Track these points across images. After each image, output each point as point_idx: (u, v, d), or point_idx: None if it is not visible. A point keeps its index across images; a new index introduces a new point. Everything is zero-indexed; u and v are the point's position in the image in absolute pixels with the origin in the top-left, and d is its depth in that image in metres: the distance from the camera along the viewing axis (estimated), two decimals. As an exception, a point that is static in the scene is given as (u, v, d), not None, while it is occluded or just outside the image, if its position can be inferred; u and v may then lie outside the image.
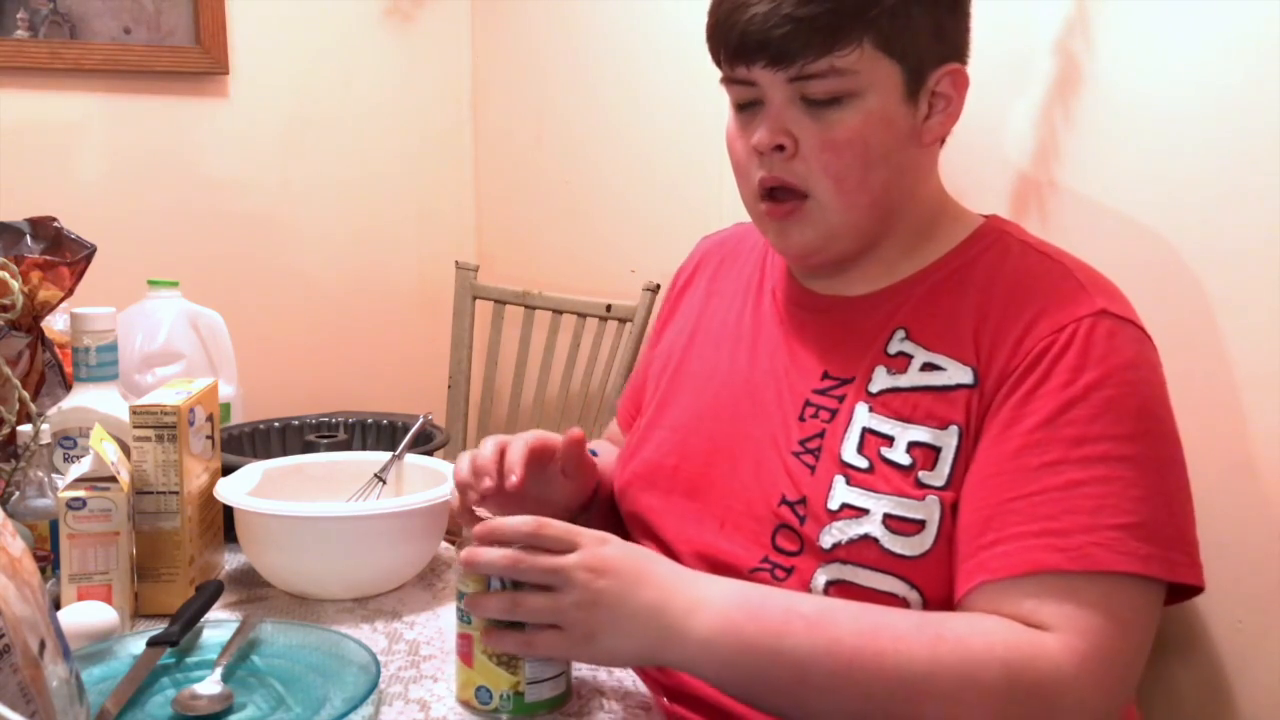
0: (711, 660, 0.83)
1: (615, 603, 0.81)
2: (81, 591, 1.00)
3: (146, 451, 1.06)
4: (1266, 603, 1.00)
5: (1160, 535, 0.83)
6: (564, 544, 0.83)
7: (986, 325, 0.90)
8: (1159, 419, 0.88)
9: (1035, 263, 0.93)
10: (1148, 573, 0.82)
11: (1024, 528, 0.83)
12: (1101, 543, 0.82)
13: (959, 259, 0.96)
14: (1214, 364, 1.02)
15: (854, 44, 0.88)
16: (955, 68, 0.94)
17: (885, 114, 0.91)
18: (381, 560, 1.11)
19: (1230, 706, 1.03)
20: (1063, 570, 0.82)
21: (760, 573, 0.93)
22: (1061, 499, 0.83)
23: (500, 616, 0.84)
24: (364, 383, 2.22)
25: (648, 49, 1.84)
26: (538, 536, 0.83)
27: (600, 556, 0.83)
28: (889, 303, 0.96)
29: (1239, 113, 0.99)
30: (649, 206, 1.88)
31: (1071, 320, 0.87)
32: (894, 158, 0.93)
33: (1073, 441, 0.84)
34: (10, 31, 1.90)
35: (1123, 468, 0.84)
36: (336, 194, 2.22)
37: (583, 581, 0.81)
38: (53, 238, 1.31)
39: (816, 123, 0.91)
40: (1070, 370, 0.85)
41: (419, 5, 2.25)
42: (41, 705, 0.68)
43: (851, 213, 0.94)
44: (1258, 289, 0.98)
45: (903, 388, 0.91)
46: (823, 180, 0.92)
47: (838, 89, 0.90)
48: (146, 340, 1.62)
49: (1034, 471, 0.85)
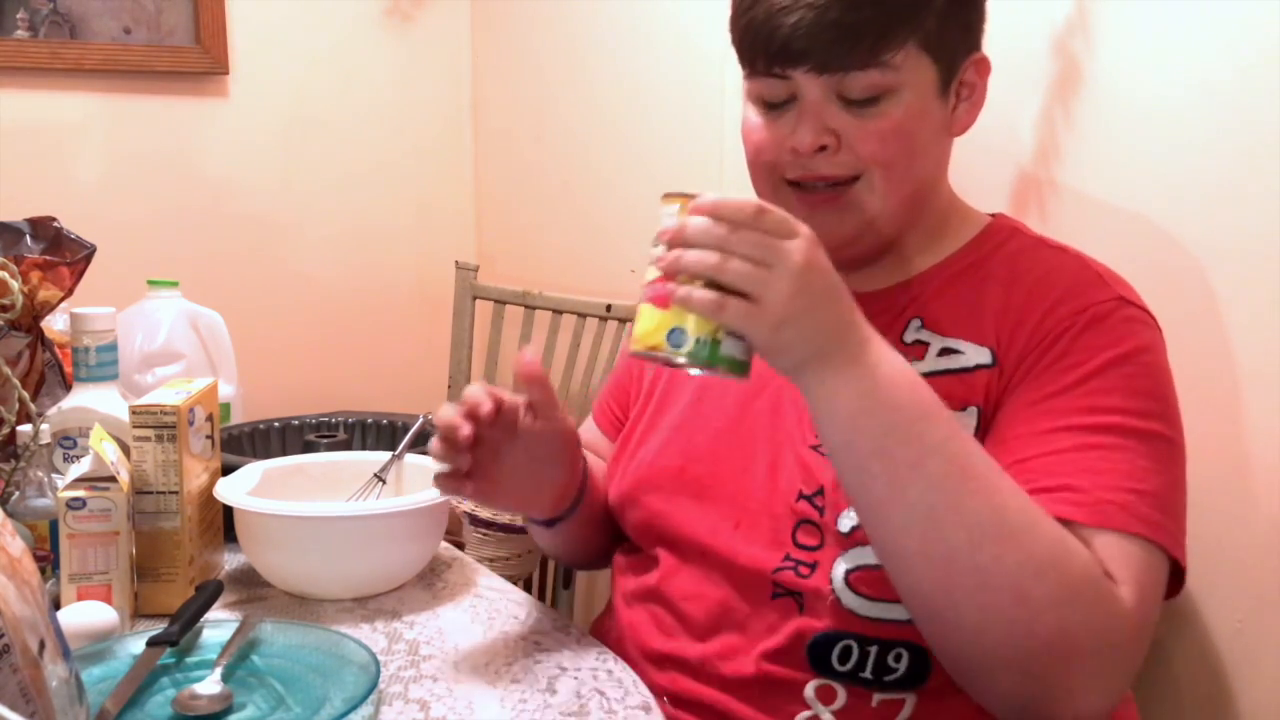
0: (857, 396, 0.79)
1: (815, 297, 0.77)
2: (81, 591, 1.00)
3: (146, 451, 1.06)
4: (1267, 603, 1.00)
5: (1164, 507, 0.84)
6: (784, 229, 0.78)
7: (1009, 311, 0.91)
8: (1169, 404, 0.89)
9: (1052, 257, 0.95)
10: (1156, 538, 0.83)
11: (1041, 484, 0.83)
12: (1117, 501, 0.82)
13: (974, 253, 0.97)
14: (1215, 362, 1.02)
15: (900, 46, 0.88)
16: (980, 56, 0.95)
17: (923, 108, 0.91)
18: (381, 560, 1.11)
19: (1230, 706, 1.03)
20: (1079, 523, 0.82)
21: (784, 572, 0.92)
22: (1075, 459, 0.84)
23: (706, 268, 0.77)
24: (364, 383, 2.22)
25: (648, 49, 1.83)
26: (760, 220, 0.77)
27: (816, 252, 0.78)
28: (904, 296, 0.97)
29: (1239, 112, 0.99)
30: (649, 206, 1.88)
31: (1092, 303, 0.89)
32: (932, 150, 0.94)
33: (1087, 409, 0.85)
34: (10, 31, 1.90)
35: (1133, 440, 0.85)
36: (336, 194, 2.21)
37: (795, 266, 0.76)
38: (53, 238, 1.31)
39: (857, 118, 0.90)
40: (1089, 348, 0.87)
41: (419, 5, 2.25)
42: (41, 705, 0.68)
43: (892, 201, 0.93)
44: (1258, 287, 0.98)
45: (921, 374, 0.91)
46: (873, 166, 0.91)
47: (878, 88, 0.89)
48: (146, 340, 1.62)
49: (1047, 433, 0.85)
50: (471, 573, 1.19)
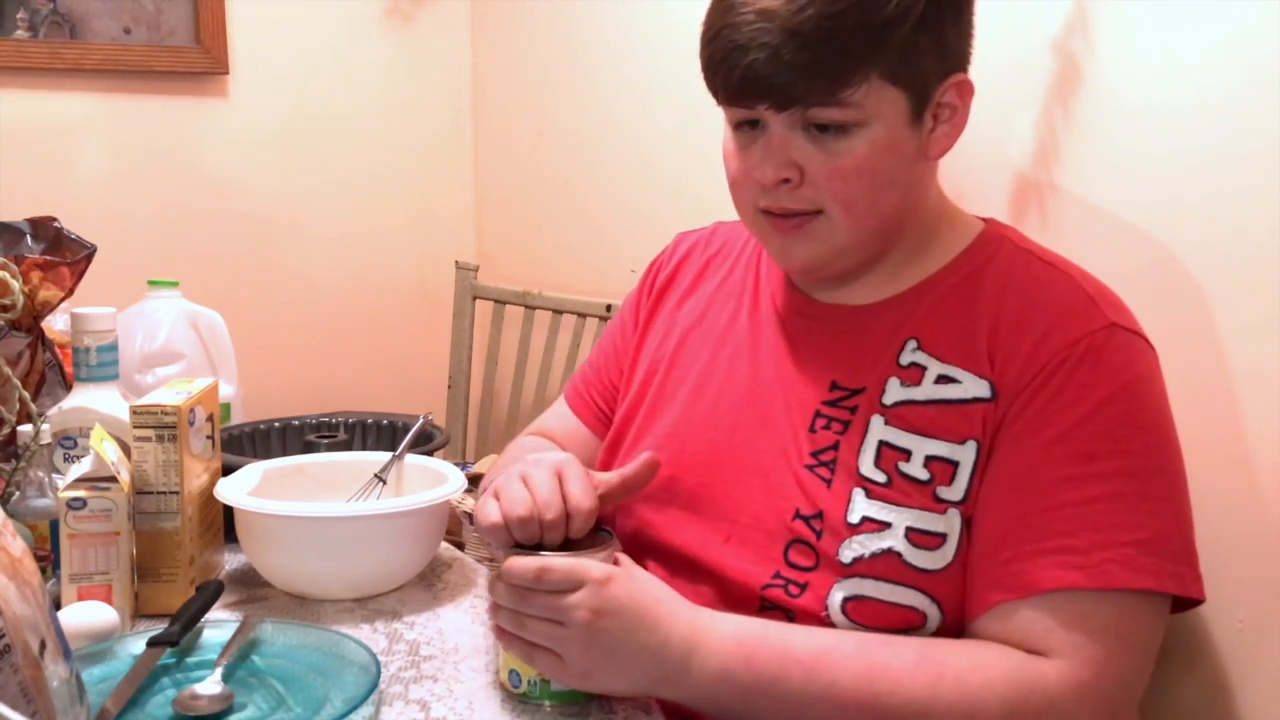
0: (707, 703, 0.85)
1: (612, 645, 0.83)
2: (81, 591, 1.00)
3: (146, 451, 1.06)
4: (1267, 604, 1.00)
5: (1170, 549, 0.84)
6: (569, 584, 0.83)
7: (998, 337, 0.90)
8: (1165, 431, 0.88)
9: (1043, 272, 0.92)
10: (1160, 589, 0.83)
11: (1041, 544, 0.84)
12: (1118, 559, 0.82)
13: (965, 266, 0.95)
14: (1215, 365, 1.02)
15: (860, 81, 0.85)
16: (960, 78, 0.92)
17: (891, 140, 0.89)
18: (381, 560, 1.11)
19: (1231, 709, 1.03)
20: (1080, 588, 0.82)
21: (773, 589, 0.92)
22: (1077, 515, 0.84)
23: (511, 628, 0.86)
24: (364, 383, 2.22)
25: (648, 49, 1.84)
26: (541, 581, 0.83)
27: (602, 598, 0.82)
28: (895, 312, 0.95)
29: (1239, 113, 0.99)
30: (649, 206, 1.88)
31: (1085, 334, 0.87)
32: (901, 180, 0.91)
33: (1087, 457, 0.85)
34: (10, 31, 1.90)
35: (1135, 482, 0.84)
36: (336, 194, 2.21)
37: (582, 622, 0.82)
38: (53, 238, 1.31)
39: (822, 151, 0.89)
40: (1083, 386, 0.86)
41: (419, 5, 2.25)
42: (41, 705, 0.68)
43: (860, 234, 0.92)
44: (1258, 290, 0.98)
45: (918, 400, 0.91)
46: (833, 204, 0.90)
47: (843, 120, 0.87)
48: (146, 340, 1.62)
49: (1049, 487, 0.85)
50: (471, 573, 1.19)
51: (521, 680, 0.89)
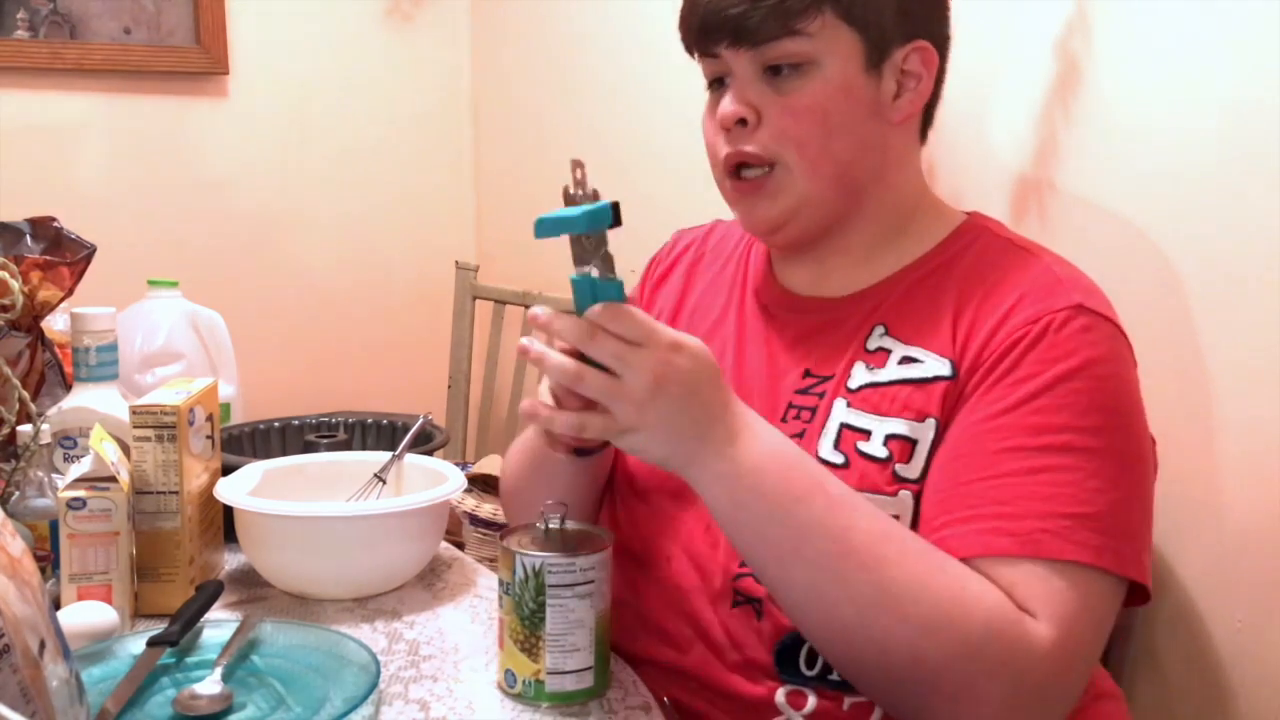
0: (726, 492, 0.84)
1: (664, 409, 0.80)
2: (81, 591, 1.00)
3: (146, 451, 1.06)
4: (1266, 603, 1.00)
5: (1113, 528, 0.83)
6: (638, 334, 0.80)
7: (964, 317, 0.90)
8: (1127, 416, 0.87)
9: (1015, 258, 0.93)
10: (1097, 563, 0.82)
11: (976, 510, 0.84)
12: (1052, 530, 0.82)
13: (940, 256, 0.96)
14: (1216, 362, 1.02)
15: (815, 13, 0.90)
16: (923, 44, 0.94)
17: (845, 82, 0.92)
18: (381, 560, 1.11)
19: (1230, 707, 1.03)
20: (1010, 555, 0.82)
21: (744, 579, 0.92)
22: (1017, 484, 0.83)
23: (563, 380, 0.81)
24: (364, 383, 2.22)
25: (648, 49, 1.83)
26: (619, 321, 0.80)
27: (666, 362, 0.80)
28: (869, 301, 0.96)
29: (1238, 114, 0.99)
30: (648, 207, 1.88)
31: (1047, 312, 0.87)
32: (857, 130, 0.93)
33: (1034, 430, 0.84)
34: (10, 31, 1.90)
35: (1083, 459, 0.84)
36: (336, 194, 2.21)
37: (643, 382, 0.79)
38: (53, 238, 1.31)
39: (776, 92, 0.92)
40: (1039, 361, 0.85)
41: (419, 5, 2.25)
42: (41, 705, 0.68)
43: (816, 182, 0.93)
44: (1258, 289, 0.98)
45: (881, 382, 0.91)
46: (786, 147, 0.93)
47: (797, 55, 0.91)
48: (146, 340, 1.62)
49: (992, 455, 0.85)
50: (471, 573, 1.19)
51: (516, 680, 0.89)
